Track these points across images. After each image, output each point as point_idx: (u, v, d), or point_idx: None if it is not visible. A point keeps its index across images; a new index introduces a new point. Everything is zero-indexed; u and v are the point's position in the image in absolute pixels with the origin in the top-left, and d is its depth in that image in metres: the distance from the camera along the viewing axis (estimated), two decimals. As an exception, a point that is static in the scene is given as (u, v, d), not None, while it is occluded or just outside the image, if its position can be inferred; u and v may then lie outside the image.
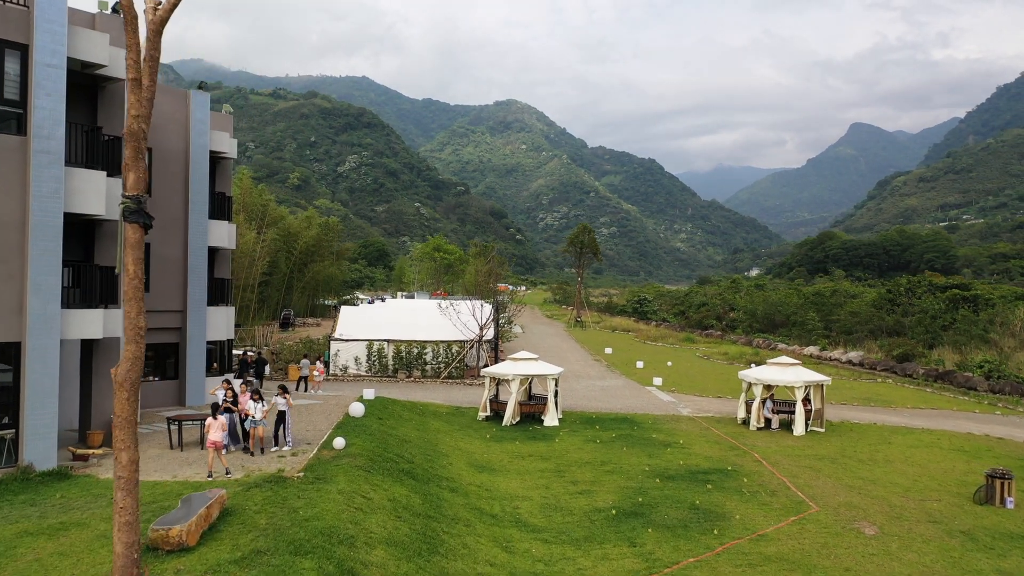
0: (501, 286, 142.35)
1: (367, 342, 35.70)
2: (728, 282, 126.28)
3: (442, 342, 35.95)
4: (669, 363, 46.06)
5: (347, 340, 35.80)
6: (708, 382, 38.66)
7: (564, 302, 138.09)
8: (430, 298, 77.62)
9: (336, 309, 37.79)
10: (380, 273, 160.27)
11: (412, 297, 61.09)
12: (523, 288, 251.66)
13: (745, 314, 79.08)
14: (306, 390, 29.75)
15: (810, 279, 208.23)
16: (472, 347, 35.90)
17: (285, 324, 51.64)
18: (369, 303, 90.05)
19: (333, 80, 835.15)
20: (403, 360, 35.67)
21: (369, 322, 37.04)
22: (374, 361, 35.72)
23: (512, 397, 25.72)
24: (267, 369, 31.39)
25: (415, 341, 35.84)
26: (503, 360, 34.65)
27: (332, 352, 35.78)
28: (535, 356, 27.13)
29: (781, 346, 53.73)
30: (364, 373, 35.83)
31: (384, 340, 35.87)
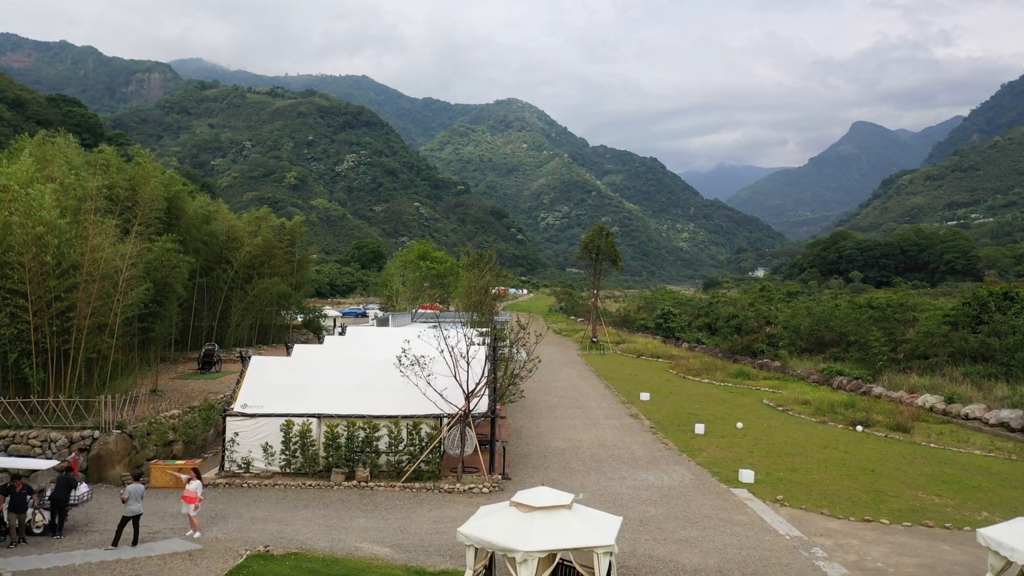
0: (501, 289, 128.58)
1: (284, 419, 22.09)
2: (757, 289, 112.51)
3: (405, 418, 22.28)
4: (739, 424, 32.41)
5: (252, 416, 22.17)
6: (817, 470, 25.07)
7: (571, 311, 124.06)
8: (415, 315, 63.73)
9: (243, 361, 24.07)
10: (373, 276, 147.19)
11: (386, 321, 47.05)
12: (524, 291, 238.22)
13: (786, 330, 65.72)
14: (135, 543, 16.10)
15: (824, 281, 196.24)
16: (455, 424, 22.28)
17: (207, 365, 37.91)
18: (347, 316, 76.20)
19: (333, 79, 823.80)
20: (342, 449, 22.01)
21: (291, 384, 23.40)
22: (295, 450, 22.06)
23: (523, 600, 12.10)
24: (82, 491, 17.80)
25: (361, 417, 22.21)
26: (501, 497, 21.33)
27: (228, 435, 22.12)
28: (565, 500, 13.42)
29: (879, 390, 39.98)
30: (277, 469, 22.16)
31: (312, 415, 22.26)
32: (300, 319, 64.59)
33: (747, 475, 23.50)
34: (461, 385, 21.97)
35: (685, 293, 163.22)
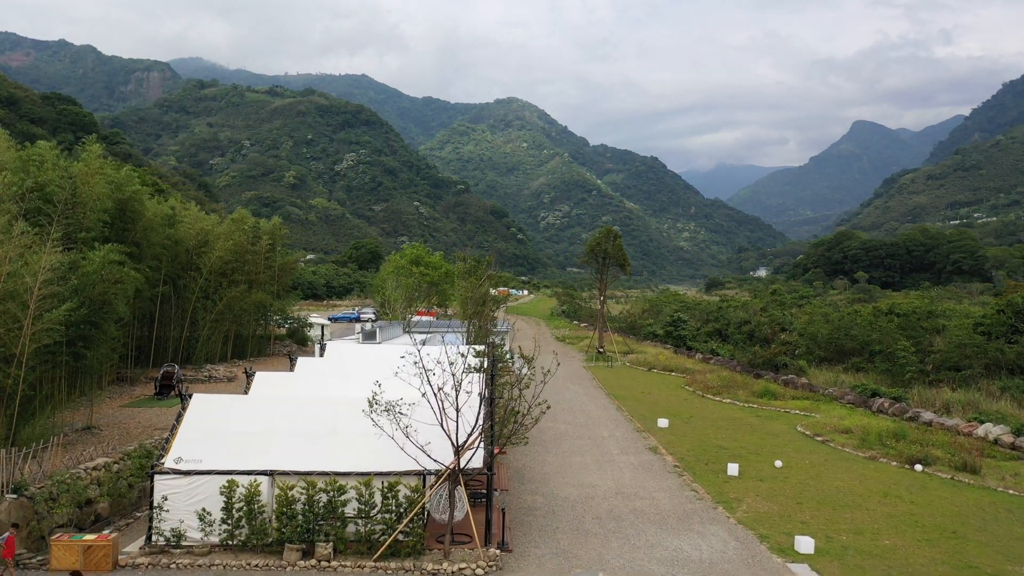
0: (500, 290, 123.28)
1: (226, 477, 17.56)
2: (768, 292, 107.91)
3: (380, 475, 17.73)
4: (778, 463, 27.82)
5: (186, 473, 17.62)
6: (887, 531, 20.57)
7: (574, 315, 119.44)
8: (408, 324, 59.05)
9: (182, 399, 19.52)
10: (371, 277, 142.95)
11: (374, 336, 42.29)
12: (525, 292, 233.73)
13: (803, 338, 61.35)
14: None
15: (829, 281, 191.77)
16: (442, 482, 17.68)
17: (165, 389, 33.34)
18: (333, 323, 71.50)
19: (332, 78, 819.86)
20: (298, 518, 17.44)
21: (240, 430, 18.88)
22: (239, 519, 17.51)
23: None
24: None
25: (324, 475, 17.67)
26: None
27: (156, 499, 17.55)
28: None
29: (928, 415, 35.26)
30: (216, 541, 17.57)
31: (261, 473, 17.72)
32: (287, 328, 60.07)
33: (805, 543, 18.90)
34: (450, 437, 17.38)
35: (689, 295, 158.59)
